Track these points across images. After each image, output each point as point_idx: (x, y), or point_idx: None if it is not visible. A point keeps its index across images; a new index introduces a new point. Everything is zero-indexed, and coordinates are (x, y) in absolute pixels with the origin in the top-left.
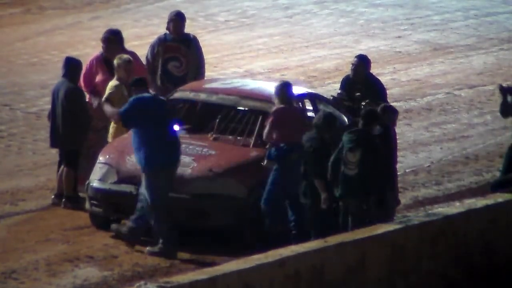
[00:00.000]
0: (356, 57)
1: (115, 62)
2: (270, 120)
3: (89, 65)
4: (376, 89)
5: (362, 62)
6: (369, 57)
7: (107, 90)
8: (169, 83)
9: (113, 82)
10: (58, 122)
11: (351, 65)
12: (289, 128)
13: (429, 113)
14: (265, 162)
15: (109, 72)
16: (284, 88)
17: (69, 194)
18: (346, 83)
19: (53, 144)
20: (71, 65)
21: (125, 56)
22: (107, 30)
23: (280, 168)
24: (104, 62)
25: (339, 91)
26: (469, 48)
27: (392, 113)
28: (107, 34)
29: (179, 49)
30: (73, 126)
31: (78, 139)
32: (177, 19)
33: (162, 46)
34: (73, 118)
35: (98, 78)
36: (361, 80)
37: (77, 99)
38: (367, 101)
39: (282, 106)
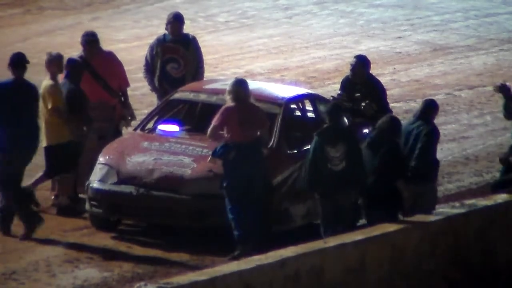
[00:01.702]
0: (355, 57)
1: (47, 58)
2: (216, 117)
3: None
4: (376, 90)
5: (361, 62)
6: (368, 58)
7: (48, 95)
8: (167, 84)
9: (48, 82)
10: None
11: (350, 66)
12: (235, 127)
13: None
14: (209, 158)
15: (91, 74)
16: (238, 85)
17: (69, 195)
18: (346, 84)
19: None
20: (73, 66)
21: (55, 52)
22: (86, 33)
23: (224, 166)
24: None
25: (339, 92)
26: (469, 49)
27: (435, 108)
28: (88, 37)
29: (178, 50)
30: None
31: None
32: (175, 21)
33: (161, 47)
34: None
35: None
36: (361, 80)
37: (78, 100)
38: (367, 101)
39: (232, 104)
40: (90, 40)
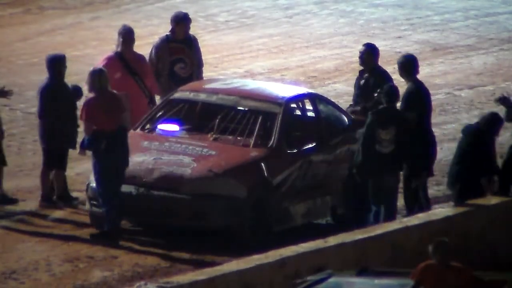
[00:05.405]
0: (363, 45)
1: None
2: (83, 113)
3: (104, 64)
4: (384, 80)
5: (369, 50)
6: (377, 47)
7: None
8: (176, 84)
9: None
10: (52, 122)
11: (359, 53)
12: (101, 116)
13: None
14: (78, 150)
15: (126, 69)
16: (95, 75)
17: (61, 194)
18: (358, 81)
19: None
20: (53, 62)
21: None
22: (128, 28)
23: (93, 156)
24: (119, 60)
25: (351, 103)
26: (469, 48)
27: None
28: (130, 31)
29: (184, 50)
30: (63, 125)
31: (67, 138)
32: (186, 21)
33: (167, 48)
34: (61, 115)
35: (116, 76)
36: (369, 70)
37: (58, 96)
38: (378, 90)
39: (92, 96)
40: (130, 35)
